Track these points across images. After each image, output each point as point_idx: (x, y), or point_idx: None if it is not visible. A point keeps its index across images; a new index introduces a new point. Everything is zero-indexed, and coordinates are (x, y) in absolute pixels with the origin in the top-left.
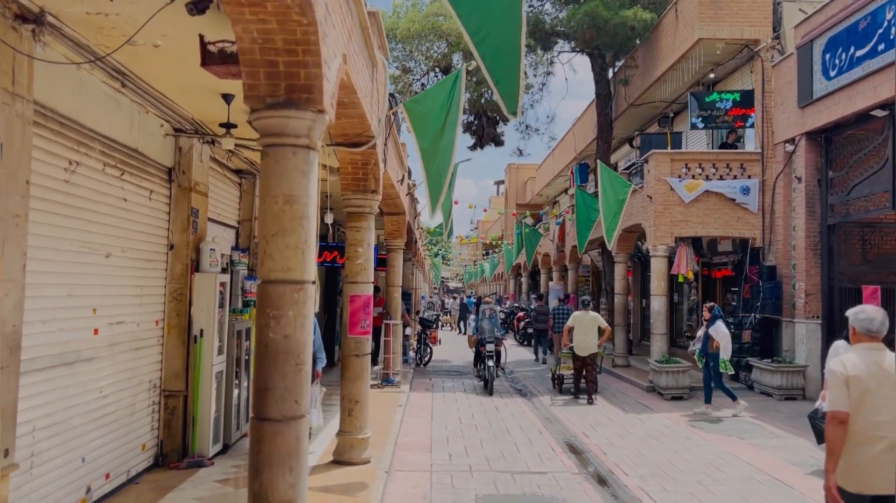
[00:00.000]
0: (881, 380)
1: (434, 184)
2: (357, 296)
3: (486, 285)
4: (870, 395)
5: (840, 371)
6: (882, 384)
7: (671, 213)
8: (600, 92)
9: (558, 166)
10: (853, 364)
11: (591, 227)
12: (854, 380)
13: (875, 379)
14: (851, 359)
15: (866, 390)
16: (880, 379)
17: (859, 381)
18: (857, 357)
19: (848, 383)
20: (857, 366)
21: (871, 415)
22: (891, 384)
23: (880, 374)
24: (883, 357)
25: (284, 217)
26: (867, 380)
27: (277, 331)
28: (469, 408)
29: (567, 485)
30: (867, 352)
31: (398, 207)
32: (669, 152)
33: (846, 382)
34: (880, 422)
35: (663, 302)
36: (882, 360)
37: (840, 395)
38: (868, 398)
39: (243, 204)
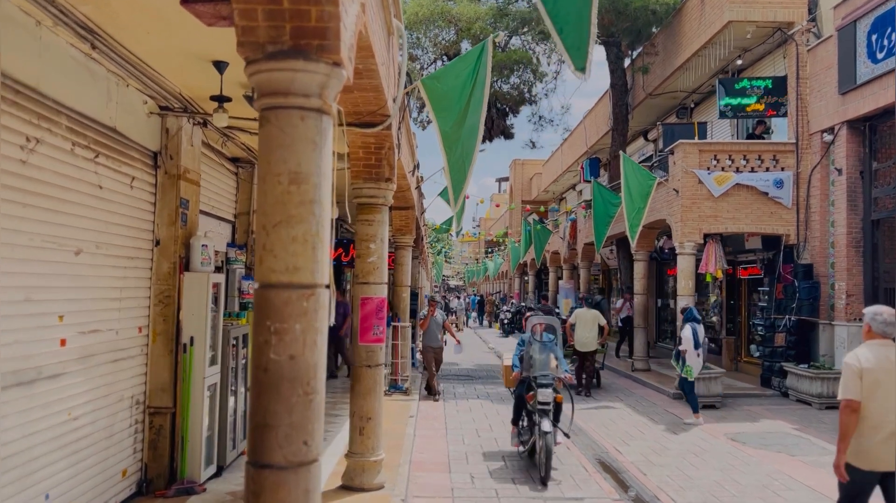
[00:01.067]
0: (890, 373)
1: (456, 172)
2: (369, 299)
3: (488, 283)
4: (880, 386)
5: (854, 364)
6: (891, 375)
7: (699, 207)
8: (615, 82)
9: (567, 161)
10: (866, 358)
11: (609, 223)
12: (867, 372)
13: (885, 371)
14: (864, 353)
15: (877, 381)
16: (890, 371)
17: (871, 373)
18: (869, 352)
19: (861, 375)
20: (870, 360)
21: (882, 402)
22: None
23: (890, 367)
24: (892, 352)
25: (290, 201)
26: (878, 372)
27: (281, 351)
28: (485, 419)
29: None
30: (879, 348)
31: (408, 201)
32: (697, 143)
33: (860, 374)
34: (889, 409)
35: (691, 303)
36: (892, 355)
37: (854, 385)
38: (879, 388)
39: (240, 195)
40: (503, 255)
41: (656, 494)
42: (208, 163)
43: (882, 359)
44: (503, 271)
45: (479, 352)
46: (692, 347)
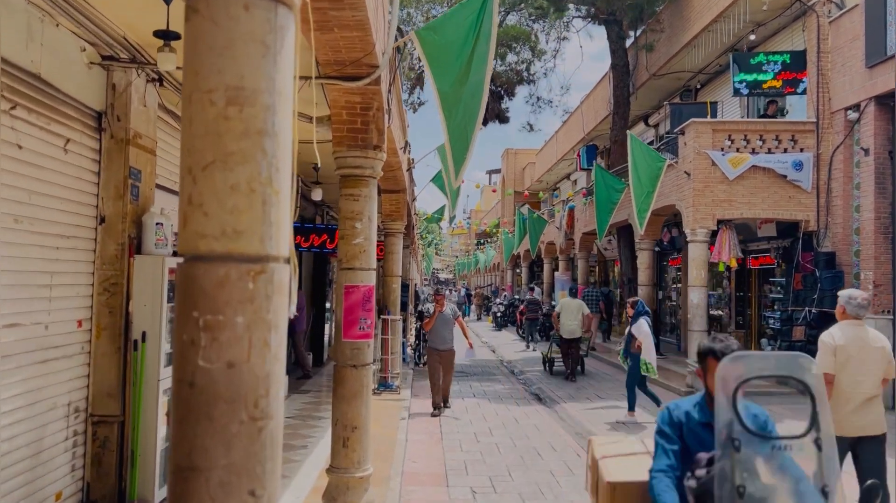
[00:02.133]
0: (861, 349)
1: (458, 140)
2: (355, 288)
3: (479, 276)
4: (852, 361)
5: (829, 342)
6: (861, 351)
7: (712, 191)
8: (617, 62)
9: (562, 149)
10: (840, 336)
11: (612, 210)
12: (840, 349)
13: (856, 348)
14: (838, 332)
15: (849, 357)
16: (860, 348)
17: (844, 350)
18: (842, 331)
19: (835, 351)
20: (843, 338)
21: (853, 376)
22: (868, 352)
23: (861, 344)
24: (863, 331)
25: (229, 130)
26: (850, 349)
27: (214, 357)
28: (484, 421)
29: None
30: (851, 327)
31: (399, 183)
32: (711, 121)
33: (834, 351)
34: (860, 381)
35: (703, 294)
36: (862, 334)
37: (829, 361)
38: (850, 363)
39: None
40: (495, 247)
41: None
42: (167, 129)
43: (854, 338)
44: (495, 263)
45: (475, 347)
46: (651, 343)
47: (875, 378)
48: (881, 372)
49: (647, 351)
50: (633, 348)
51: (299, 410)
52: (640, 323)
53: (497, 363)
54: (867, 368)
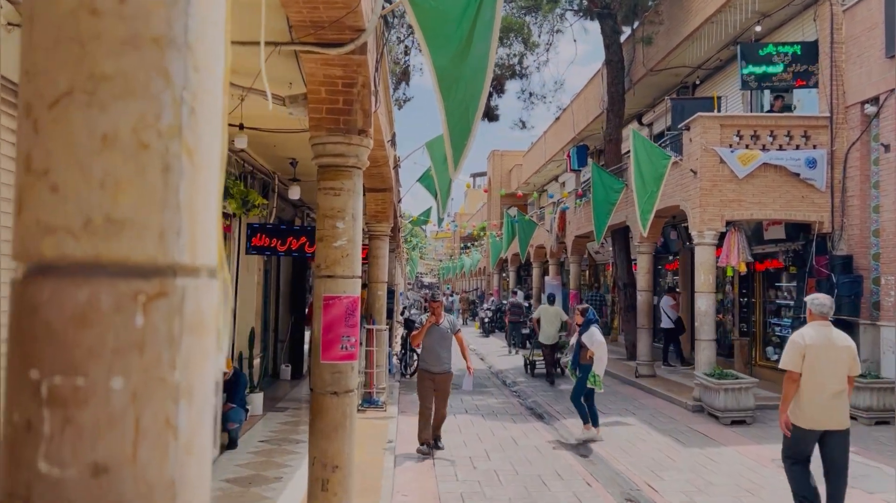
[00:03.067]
0: (828, 348)
1: (457, 124)
2: (336, 299)
3: (464, 280)
4: (820, 359)
5: (800, 341)
6: (828, 351)
7: (721, 190)
8: (611, 58)
9: (551, 150)
10: (810, 336)
11: (611, 212)
12: (810, 348)
13: (824, 347)
14: (808, 332)
15: (818, 355)
16: (827, 347)
17: (813, 349)
18: (812, 331)
19: (805, 351)
20: (813, 338)
21: (821, 373)
22: (834, 351)
23: (827, 344)
24: (830, 331)
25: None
26: (818, 348)
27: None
28: (479, 442)
29: None
30: (819, 327)
31: (385, 180)
32: (719, 116)
33: (803, 350)
34: (828, 377)
35: (711, 301)
36: (829, 334)
37: (797, 360)
38: (819, 361)
39: None
40: (481, 251)
41: None
42: None
43: (821, 337)
44: (481, 267)
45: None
46: (604, 353)
47: (841, 375)
48: (846, 369)
49: (599, 362)
50: (583, 359)
51: (274, 432)
52: (592, 331)
53: (488, 373)
54: (834, 366)
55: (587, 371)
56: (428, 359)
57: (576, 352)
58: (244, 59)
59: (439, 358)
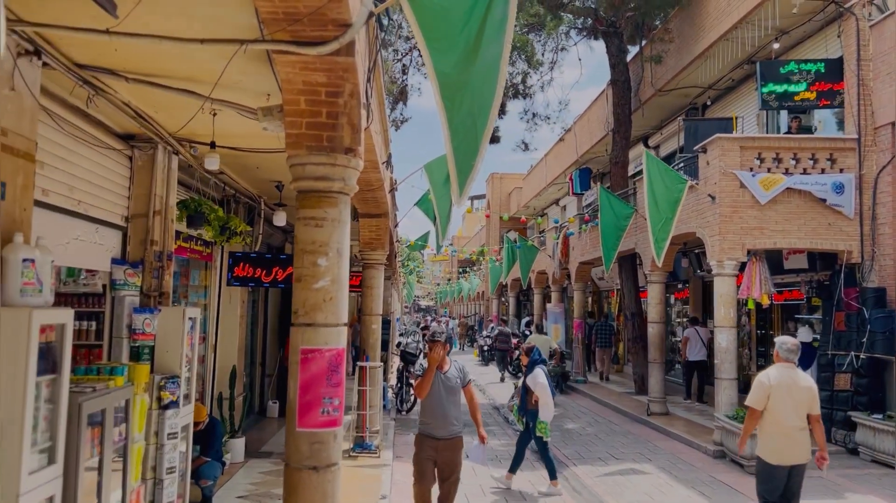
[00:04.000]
0: (792, 388)
1: (463, 141)
2: (316, 353)
3: (462, 304)
4: (784, 399)
5: (765, 381)
6: (792, 390)
7: (741, 217)
8: (617, 78)
9: (552, 173)
10: (775, 376)
11: (620, 238)
12: (775, 388)
13: (787, 387)
14: (773, 373)
15: (782, 395)
16: (791, 387)
17: (778, 389)
18: (777, 372)
19: (770, 391)
20: (777, 378)
21: (785, 410)
22: (798, 390)
23: (791, 384)
24: (794, 372)
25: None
26: (782, 388)
27: None
28: (482, 496)
29: None
30: (784, 369)
31: (380, 206)
32: (738, 137)
33: (768, 390)
34: (791, 415)
35: (732, 337)
36: (793, 375)
37: (761, 398)
38: (783, 400)
39: (136, 189)
40: (480, 275)
41: None
42: (70, 129)
43: (785, 378)
44: (480, 292)
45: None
46: (549, 398)
47: (802, 413)
48: (807, 408)
49: (545, 408)
50: (529, 403)
51: (255, 484)
52: (537, 373)
53: (489, 408)
54: (796, 405)
55: (535, 418)
56: (429, 419)
57: (522, 397)
58: (208, 62)
59: (445, 418)
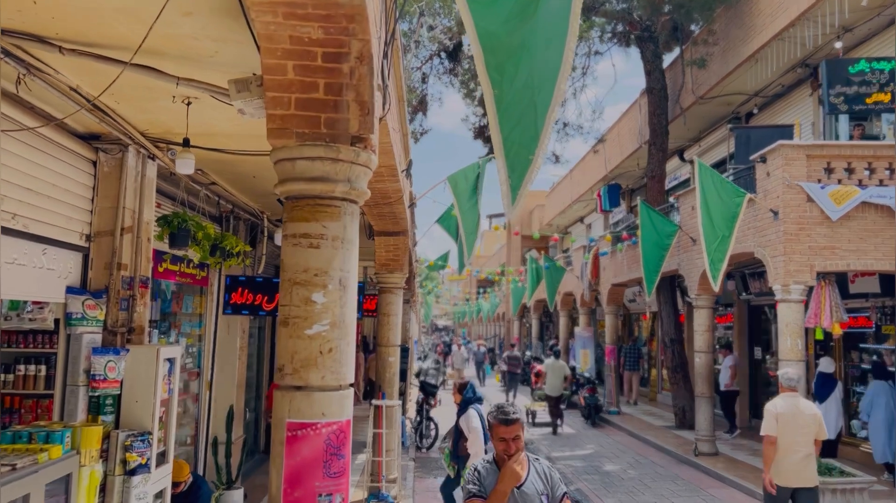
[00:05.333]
0: (796, 415)
1: (518, 126)
2: (310, 429)
3: (480, 325)
4: (790, 425)
5: (773, 410)
6: (797, 417)
7: (809, 235)
8: (653, 86)
9: (578, 190)
10: (781, 405)
11: (663, 258)
12: (781, 416)
13: (792, 415)
14: (780, 402)
15: (787, 422)
16: (796, 414)
17: (784, 416)
18: (782, 401)
19: (777, 418)
20: (783, 407)
21: (792, 436)
22: (802, 418)
23: (796, 412)
24: (798, 401)
25: None
26: (788, 415)
27: None
28: None
29: None
30: (789, 398)
31: (398, 222)
32: (805, 145)
33: (777, 417)
34: (798, 441)
35: (801, 371)
36: (797, 403)
37: (772, 425)
38: (789, 426)
39: (100, 201)
40: (500, 295)
41: None
42: (11, 129)
43: (790, 406)
44: (500, 313)
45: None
46: (481, 443)
47: (809, 438)
48: (813, 433)
49: (477, 454)
50: (462, 449)
51: None
52: (470, 415)
53: None
54: (802, 431)
55: (464, 464)
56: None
57: (455, 439)
58: (166, 25)
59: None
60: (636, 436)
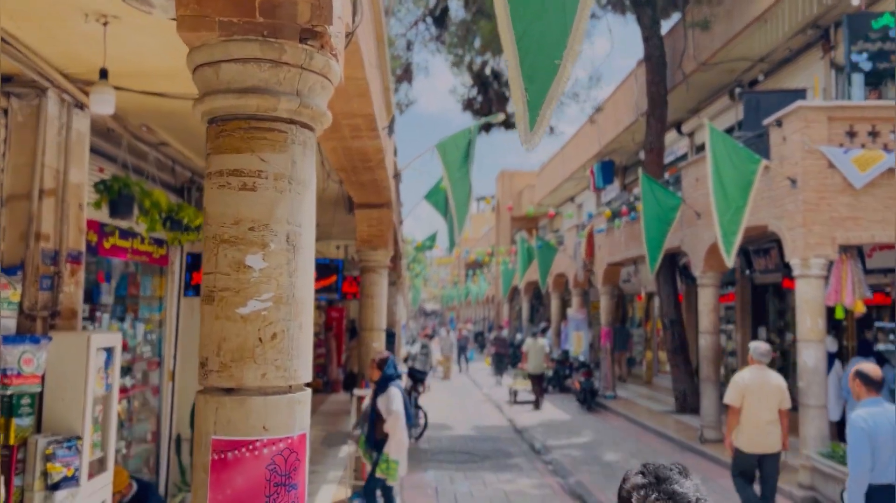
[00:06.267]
0: (762, 386)
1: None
2: (245, 449)
3: (469, 308)
4: (756, 395)
5: (739, 381)
6: (762, 388)
7: (830, 204)
8: (651, 53)
9: (570, 167)
10: (748, 377)
11: (667, 233)
12: (747, 387)
13: (759, 386)
14: (746, 374)
15: (754, 392)
16: (762, 385)
17: (750, 387)
18: (749, 373)
19: (744, 389)
20: (750, 378)
21: (757, 406)
22: (767, 388)
23: (762, 383)
24: (765, 372)
25: None
26: (754, 386)
27: None
28: None
29: None
30: (756, 370)
31: (381, 192)
32: (826, 106)
33: (742, 389)
34: (762, 410)
35: (820, 353)
36: (764, 375)
37: (736, 396)
38: (755, 397)
39: (12, 156)
40: (489, 278)
41: None
42: None
43: (757, 378)
44: (489, 295)
45: (475, 404)
46: (403, 429)
47: (773, 408)
48: (777, 402)
49: (398, 446)
50: (380, 432)
51: None
52: (392, 395)
53: (510, 431)
54: (767, 401)
55: (380, 449)
56: None
57: (371, 422)
58: None
59: None
60: (635, 421)
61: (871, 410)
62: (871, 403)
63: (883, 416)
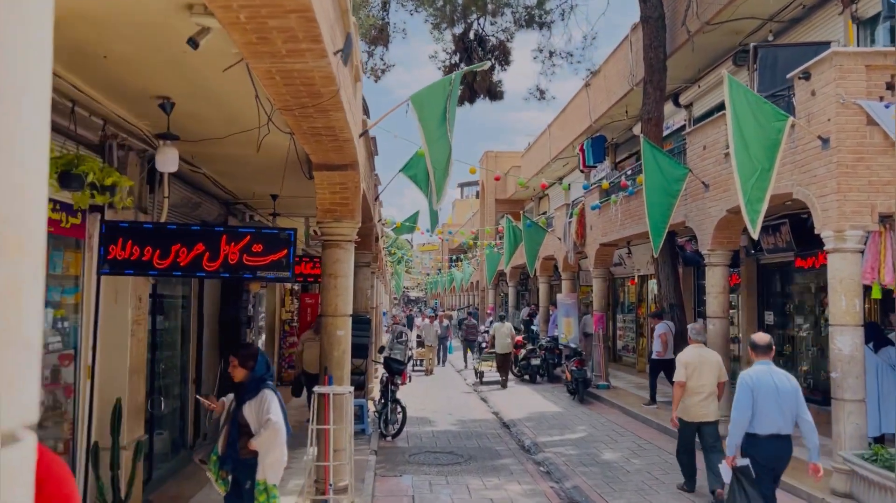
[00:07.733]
0: (702, 362)
1: None
2: None
3: (454, 295)
4: (697, 370)
5: (682, 359)
6: (702, 364)
7: (870, 167)
8: (649, 14)
9: (558, 146)
10: (689, 354)
11: (672, 207)
12: (688, 363)
13: (699, 362)
14: (688, 352)
15: (694, 368)
16: (702, 362)
17: (691, 364)
18: (690, 350)
19: (686, 365)
20: (690, 356)
21: (698, 380)
22: (707, 363)
23: (702, 359)
24: (703, 350)
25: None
26: (694, 363)
27: None
28: None
29: None
30: (695, 348)
31: (342, 148)
32: (864, 52)
33: (685, 365)
34: (702, 384)
35: (858, 339)
36: (702, 353)
37: (681, 372)
38: (696, 371)
39: None
40: (474, 264)
41: None
42: None
43: (696, 355)
44: (474, 281)
45: (458, 395)
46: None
47: (712, 381)
48: (716, 377)
49: (272, 466)
50: (244, 451)
51: None
52: (267, 400)
53: (497, 427)
54: (706, 375)
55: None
56: None
57: (233, 437)
58: None
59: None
60: (632, 414)
61: (757, 369)
62: (758, 364)
63: (767, 375)
